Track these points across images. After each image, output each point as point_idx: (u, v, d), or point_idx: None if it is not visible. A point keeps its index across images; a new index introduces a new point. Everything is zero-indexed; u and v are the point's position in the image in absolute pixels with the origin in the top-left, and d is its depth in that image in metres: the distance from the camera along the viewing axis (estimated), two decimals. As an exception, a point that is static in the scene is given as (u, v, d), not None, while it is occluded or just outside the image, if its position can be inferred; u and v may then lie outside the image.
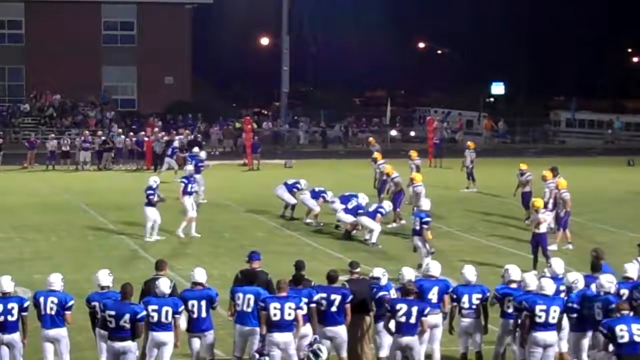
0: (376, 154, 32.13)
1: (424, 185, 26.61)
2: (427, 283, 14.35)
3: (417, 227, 20.77)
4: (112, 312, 12.94)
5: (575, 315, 13.57)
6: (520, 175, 28.75)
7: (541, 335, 13.28)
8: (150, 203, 24.52)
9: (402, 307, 13.33)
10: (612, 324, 12.53)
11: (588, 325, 13.70)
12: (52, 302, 13.35)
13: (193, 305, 13.56)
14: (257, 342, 13.57)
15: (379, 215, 24.70)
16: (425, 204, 21.17)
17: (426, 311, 13.46)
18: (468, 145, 37.20)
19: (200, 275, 13.85)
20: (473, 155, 36.13)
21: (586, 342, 13.84)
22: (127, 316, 12.86)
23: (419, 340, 13.51)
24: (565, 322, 13.67)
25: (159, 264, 14.45)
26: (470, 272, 14.38)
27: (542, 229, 21.31)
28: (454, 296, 14.14)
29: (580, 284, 13.86)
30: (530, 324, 13.29)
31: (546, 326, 13.27)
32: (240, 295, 13.74)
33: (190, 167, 28.36)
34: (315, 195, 27.48)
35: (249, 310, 13.65)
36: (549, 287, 13.50)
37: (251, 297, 13.66)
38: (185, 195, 25.77)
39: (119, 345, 12.92)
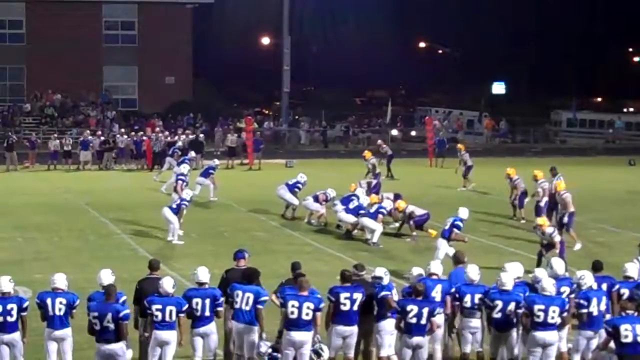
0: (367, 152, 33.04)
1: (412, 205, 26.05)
2: (431, 282, 14.29)
3: (447, 228, 20.60)
4: (96, 314, 12.89)
5: (584, 311, 13.60)
6: (509, 181, 28.87)
7: (540, 335, 13.29)
8: (177, 210, 24.52)
9: (413, 309, 13.30)
10: (617, 322, 12.57)
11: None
12: (61, 302, 13.30)
13: (197, 304, 13.55)
14: (253, 340, 13.58)
15: (380, 215, 24.68)
16: (463, 213, 21.01)
17: (436, 312, 13.48)
18: (459, 148, 37.01)
19: (203, 274, 13.85)
20: (465, 156, 36.02)
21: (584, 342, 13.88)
22: (109, 315, 12.81)
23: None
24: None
25: (153, 263, 14.43)
26: (474, 272, 14.35)
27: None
28: (457, 295, 14.11)
29: (589, 281, 13.89)
30: (530, 323, 13.33)
31: (545, 326, 13.28)
32: (240, 292, 13.68)
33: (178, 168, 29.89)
34: (317, 197, 27.42)
35: (247, 308, 13.61)
36: (549, 287, 13.52)
37: (250, 295, 13.61)
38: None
39: (105, 347, 12.87)
